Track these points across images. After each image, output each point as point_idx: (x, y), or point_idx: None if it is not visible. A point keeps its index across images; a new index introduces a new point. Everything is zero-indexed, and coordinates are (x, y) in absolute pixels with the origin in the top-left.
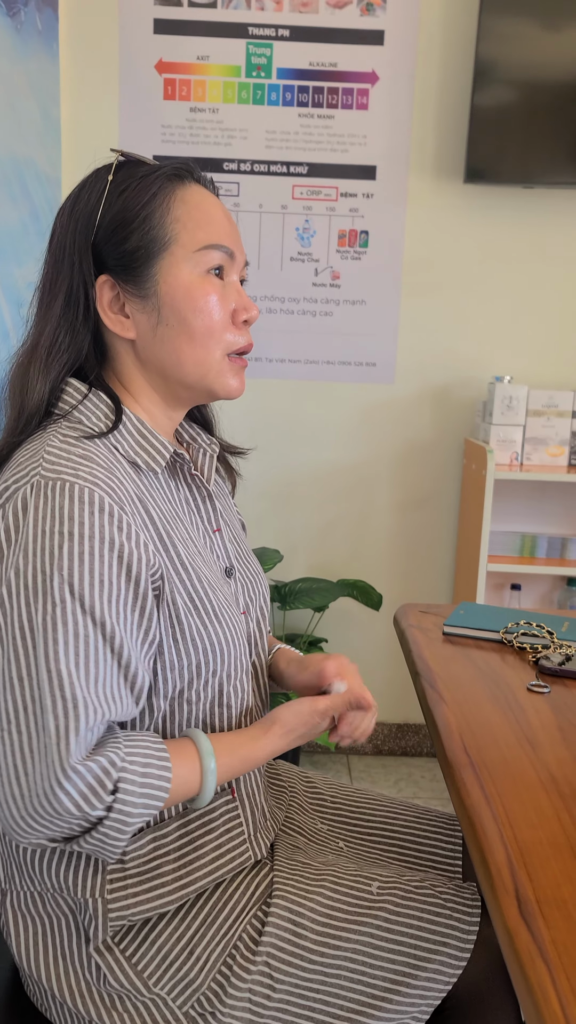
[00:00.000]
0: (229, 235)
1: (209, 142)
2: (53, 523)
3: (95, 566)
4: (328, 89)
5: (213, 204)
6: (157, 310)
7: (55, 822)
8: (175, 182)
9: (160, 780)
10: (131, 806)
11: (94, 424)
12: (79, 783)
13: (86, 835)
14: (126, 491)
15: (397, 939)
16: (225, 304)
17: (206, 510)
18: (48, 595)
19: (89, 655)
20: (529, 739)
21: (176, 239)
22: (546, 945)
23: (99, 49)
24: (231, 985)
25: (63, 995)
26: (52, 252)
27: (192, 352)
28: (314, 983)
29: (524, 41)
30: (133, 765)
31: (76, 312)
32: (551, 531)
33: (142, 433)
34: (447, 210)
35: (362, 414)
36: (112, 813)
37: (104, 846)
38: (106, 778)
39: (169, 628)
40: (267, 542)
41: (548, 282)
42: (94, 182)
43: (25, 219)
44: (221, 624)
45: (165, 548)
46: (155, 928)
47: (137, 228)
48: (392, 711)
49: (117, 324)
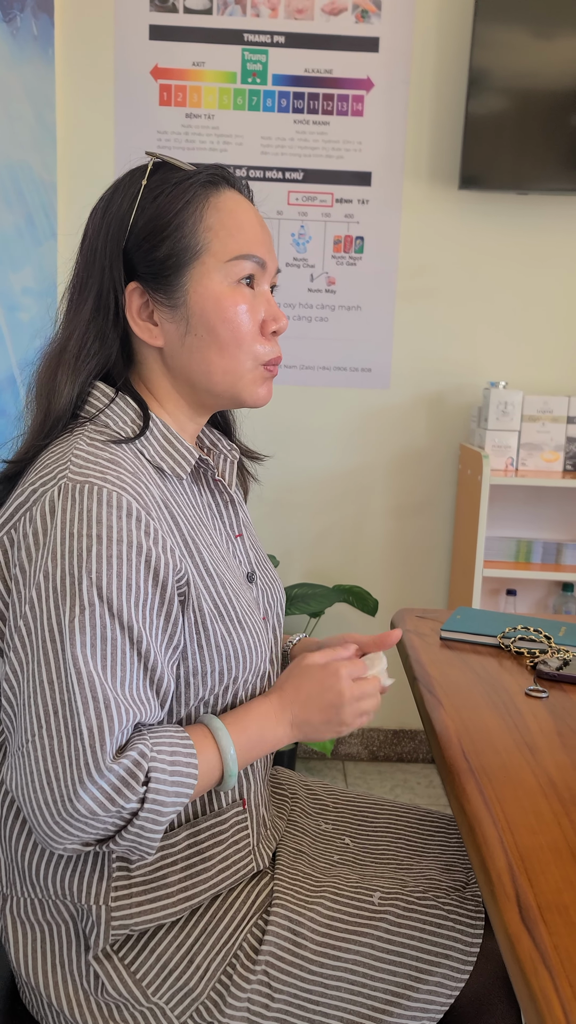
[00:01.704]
0: (261, 243)
1: (205, 148)
2: (81, 526)
3: (123, 570)
4: (323, 95)
5: (246, 211)
6: (186, 320)
7: (90, 823)
8: (209, 188)
9: (188, 767)
10: (164, 795)
11: (121, 429)
12: (112, 778)
13: (121, 832)
14: (152, 496)
15: (399, 951)
16: (254, 315)
17: (228, 516)
18: (77, 598)
19: (116, 658)
20: (528, 744)
21: (207, 248)
22: (548, 951)
23: (95, 55)
24: (230, 995)
25: (60, 1003)
26: (83, 253)
27: (221, 363)
28: (314, 994)
29: (517, 49)
30: (161, 755)
31: (106, 317)
32: (546, 536)
33: (168, 439)
34: (442, 216)
35: (358, 419)
36: (146, 804)
37: (140, 841)
38: (138, 770)
39: (194, 634)
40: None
41: (543, 288)
42: (128, 185)
43: (20, 224)
44: (245, 631)
45: (190, 553)
46: (154, 937)
47: (169, 236)
48: (388, 717)
49: (145, 332)
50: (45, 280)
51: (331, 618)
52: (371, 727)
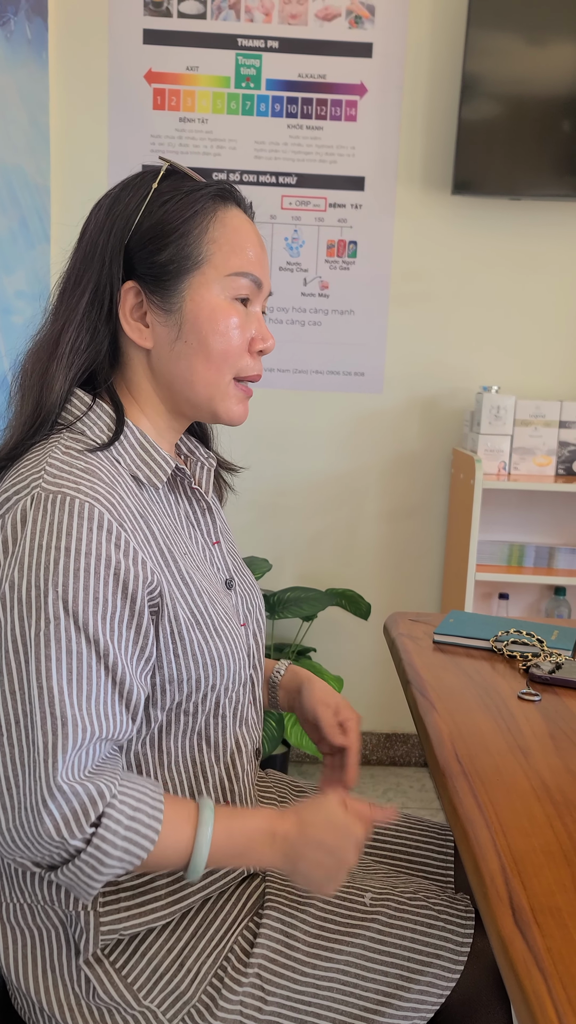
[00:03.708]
0: (260, 265)
1: (198, 152)
2: (51, 538)
3: (90, 583)
4: (317, 100)
5: (250, 231)
6: (179, 325)
7: (37, 844)
8: (217, 203)
9: (147, 829)
10: (111, 845)
11: (97, 436)
12: (63, 805)
13: (64, 866)
14: (127, 507)
15: (390, 951)
16: (245, 331)
17: (206, 523)
18: (42, 611)
19: (82, 673)
20: (521, 747)
21: (209, 260)
22: (541, 953)
23: (89, 59)
24: (222, 997)
25: (51, 1008)
26: (82, 246)
27: (205, 372)
28: (306, 995)
29: (510, 55)
30: (123, 804)
31: (99, 312)
32: (538, 540)
33: (144, 447)
34: (435, 221)
35: (351, 424)
36: (90, 848)
37: (77, 882)
38: (91, 807)
39: (170, 643)
40: (256, 551)
41: (535, 293)
42: (138, 185)
43: (14, 227)
44: (222, 638)
45: (166, 563)
46: (145, 940)
47: (174, 242)
48: (380, 721)
49: (136, 332)
50: (38, 283)
51: (323, 622)
52: (364, 731)
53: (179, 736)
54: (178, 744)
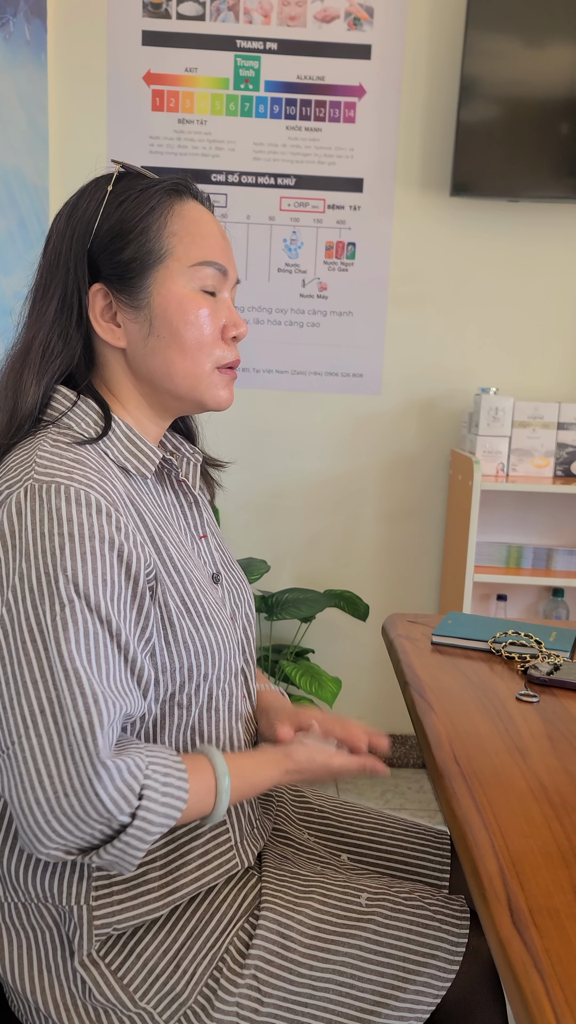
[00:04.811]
0: (223, 253)
1: (197, 153)
2: (52, 525)
3: (97, 565)
4: (315, 102)
5: (209, 221)
6: (149, 321)
7: (86, 824)
8: (173, 197)
9: (179, 791)
10: (153, 814)
11: (84, 430)
12: (114, 779)
13: (107, 845)
14: (119, 494)
15: (386, 951)
16: (216, 319)
17: (193, 517)
18: (55, 596)
19: (100, 651)
20: (519, 748)
21: (172, 253)
22: (539, 955)
23: (87, 60)
24: (218, 999)
25: (48, 1009)
26: (47, 256)
27: (183, 364)
28: (303, 996)
29: (509, 57)
30: (155, 773)
31: (69, 318)
32: (537, 542)
33: (131, 439)
34: (433, 223)
35: (349, 425)
36: (136, 820)
37: (124, 856)
38: (134, 781)
39: (161, 630)
40: (254, 552)
41: (533, 294)
42: (94, 190)
43: (12, 228)
44: (212, 627)
45: (157, 550)
46: (141, 941)
47: (134, 240)
48: (378, 722)
49: (108, 332)
50: None
51: (322, 623)
52: None
53: (173, 731)
54: (173, 740)
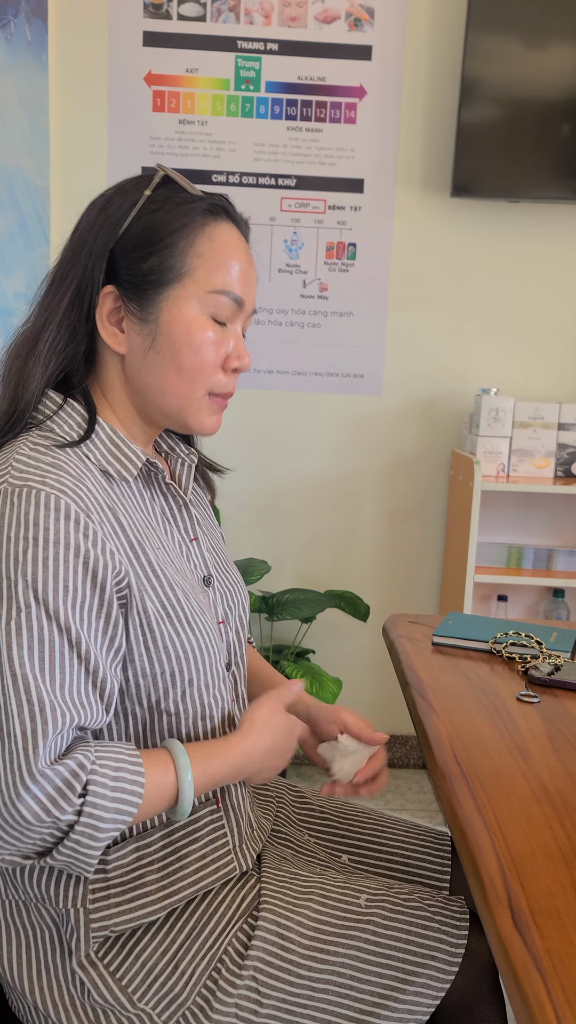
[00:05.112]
0: (244, 284)
1: (198, 154)
2: (18, 529)
3: (60, 571)
4: (316, 103)
5: (238, 249)
6: (153, 336)
7: (25, 833)
8: (208, 217)
9: (132, 785)
10: (102, 810)
11: (66, 433)
12: (46, 786)
13: (58, 846)
14: (95, 499)
15: (386, 952)
16: (220, 348)
17: (183, 519)
18: (12, 600)
19: (55, 660)
20: (520, 749)
21: (191, 274)
22: (541, 955)
23: (88, 60)
24: (217, 1000)
25: (47, 1009)
26: (72, 243)
27: (176, 385)
28: (302, 998)
29: (509, 58)
30: (104, 768)
31: (79, 314)
32: (537, 542)
33: (115, 443)
34: (434, 223)
35: (350, 425)
36: (82, 817)
37: (77, 857)
38: (75, 780)
39: (140, 636)
40: (254, 553)
41: (534, 295)
42: (132, 190)
43: (13, 229)
44: (195, 631)
45: (135, 555)
46: (140, 942)
47: (158, 252)
48: (379, 722)
49: (111, 336)
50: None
51: (322, 623)
52: None
53: (163, 735)
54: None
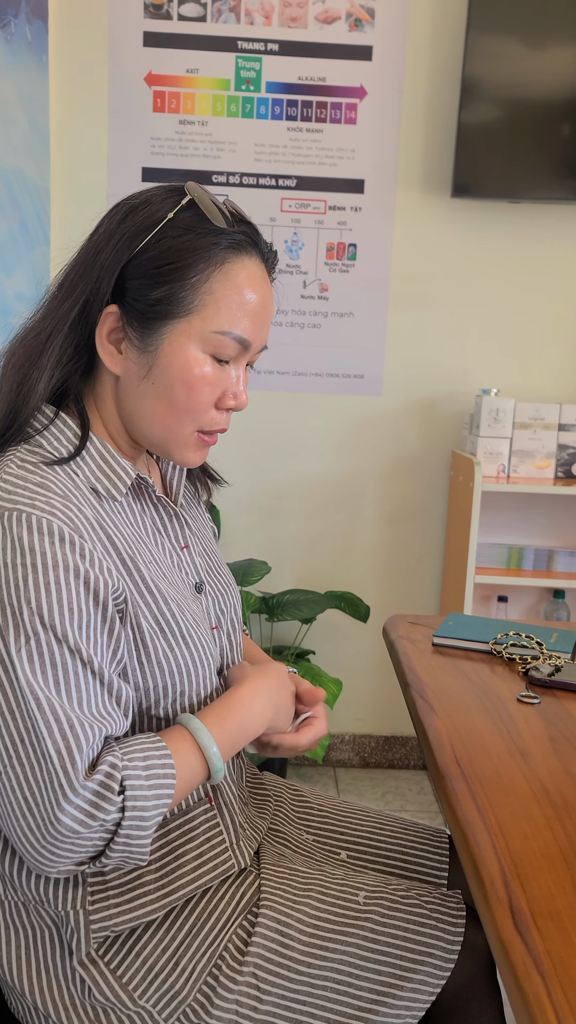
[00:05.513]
0: (254, 325)
1: (198, 154)
2: (15, 556)
3: (63, 595)
4: (317, 103)
5: (255, 288)
6: (150, 366)
7: (76, 843)
8: (229, 253)
9: (164, 768)
10: (143, 800)
11: (55, 448)
12: (87, 794)
13: (110, 844)
14: (84, 518)
15: (384, 948)
16: (217, 387)
17: (173, 529)
18: (20, 628)
19: (71, 681)
20: (520, 750)
21: (199, 311)
22: (541, 956)
23: (89, 61)
24: (217, 996)
25: (47, 1009)
26: (90, 244)
27: (165, 419)
28: (301, 994)
29: (510, 59)
30: (134, 761)
31: (84, 327)
32: (538, 543)
33: (105, 459)
34: (434, 224)
35: (350, 426)
36: (127, 812)
37: (130, 849)
38: (111, 780)
39: (134, 651)
40: (254, 553)
41: (535, 296)
42: (158, 205)
43: (14, 229)
44: (189, 646)
45: (128, 571)
46: (139, 939)
47: (169, 282)
48: (379, 723)
49: (108, 355)
50: (37, 285)
51: (322, 624)
52: (362, 733)
53: None
54: None
